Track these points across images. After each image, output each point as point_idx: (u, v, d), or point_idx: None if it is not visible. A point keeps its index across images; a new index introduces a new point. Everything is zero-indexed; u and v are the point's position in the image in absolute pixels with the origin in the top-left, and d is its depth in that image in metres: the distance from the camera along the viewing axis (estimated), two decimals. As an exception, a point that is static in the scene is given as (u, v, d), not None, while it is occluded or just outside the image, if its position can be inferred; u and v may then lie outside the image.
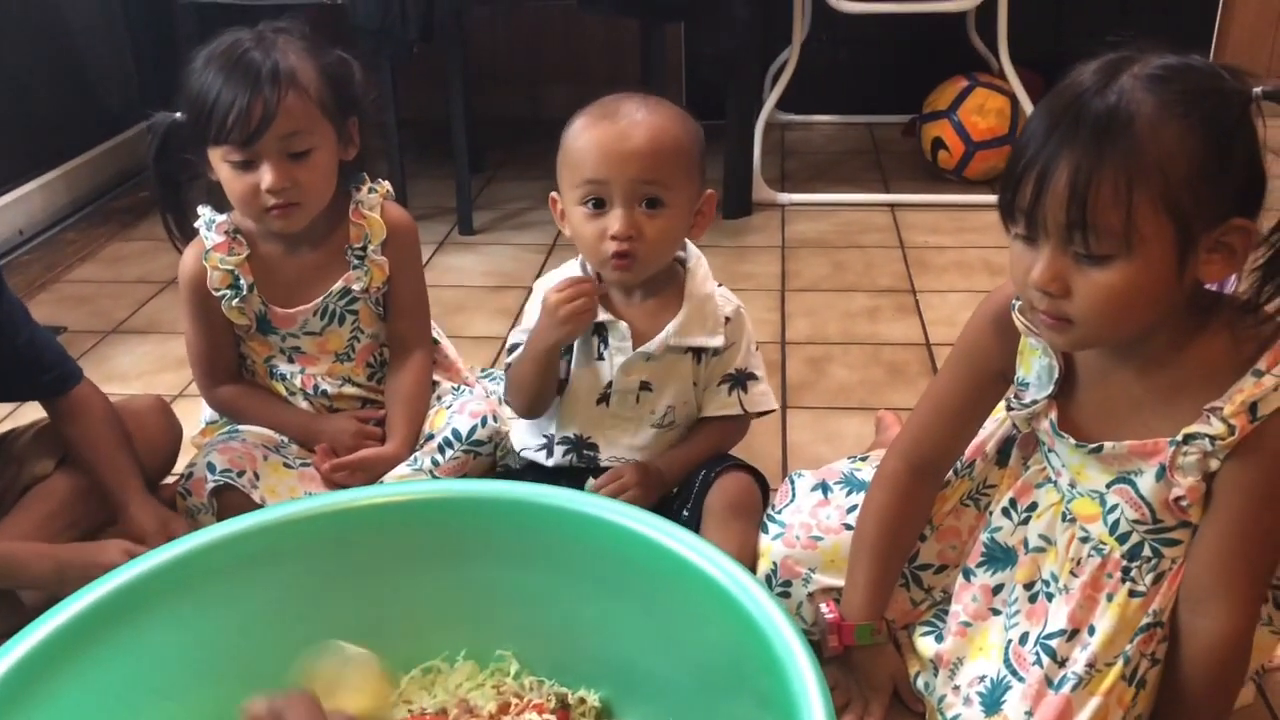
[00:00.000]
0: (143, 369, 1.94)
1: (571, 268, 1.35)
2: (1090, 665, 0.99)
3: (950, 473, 1.15)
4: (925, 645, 1.12)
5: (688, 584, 0.98)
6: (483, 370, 1.76)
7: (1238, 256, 0.88)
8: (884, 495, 1.13)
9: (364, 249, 1.44)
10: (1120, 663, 0.99)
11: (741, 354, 1.36)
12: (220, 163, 1.34)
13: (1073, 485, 1.04)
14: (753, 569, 1.20)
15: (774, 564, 1.19)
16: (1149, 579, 1.00)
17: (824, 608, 1.15)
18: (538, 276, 2.28)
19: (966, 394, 1.10)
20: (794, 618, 0.99)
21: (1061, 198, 0.86)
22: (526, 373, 1.33)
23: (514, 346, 1.36)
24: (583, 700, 1.06)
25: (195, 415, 1.55)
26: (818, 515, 1.20)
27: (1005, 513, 1.10)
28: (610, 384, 1.34)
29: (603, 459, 1.37)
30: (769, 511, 1.25)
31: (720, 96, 2.57)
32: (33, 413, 1.43)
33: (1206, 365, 0.93)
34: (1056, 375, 1.01)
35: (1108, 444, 0.98)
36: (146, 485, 1.37)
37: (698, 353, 1.34)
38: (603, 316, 1.31)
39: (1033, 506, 1.08)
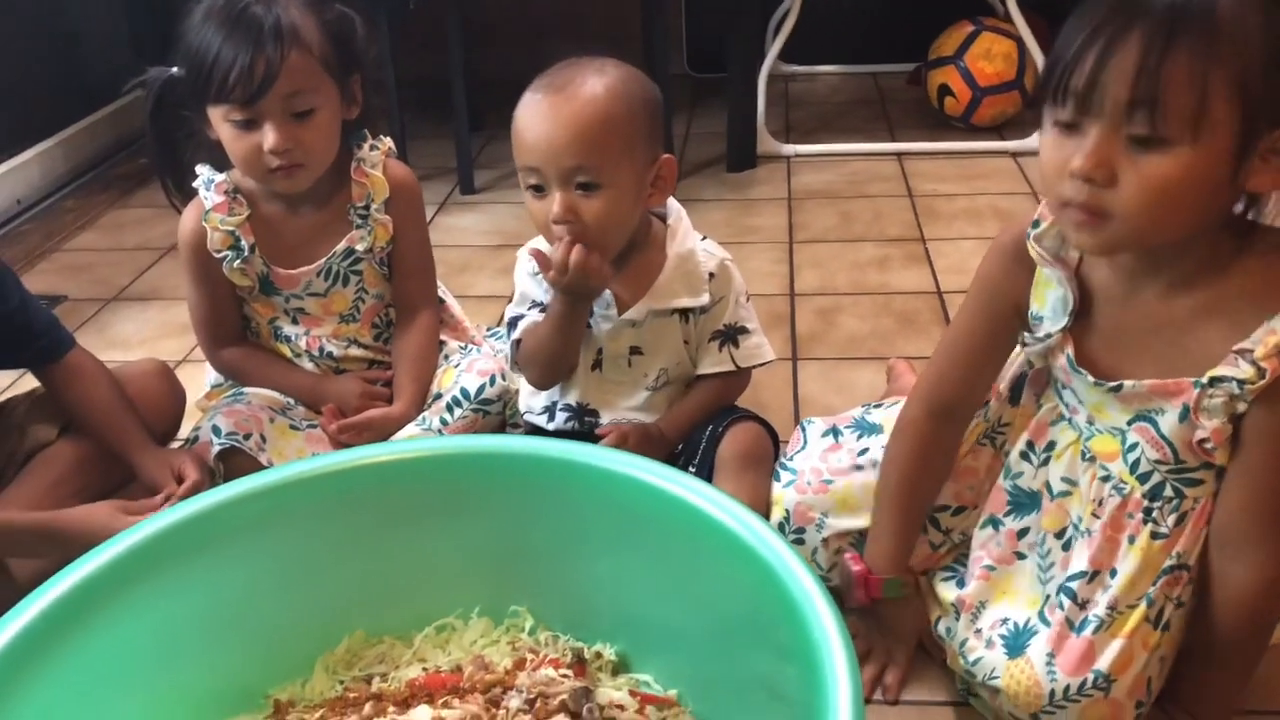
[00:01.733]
0: (145, 336, 1.92)
1: None
2: (1111, 608, 0.97)
3: None
4: (946, 590, 1.10)
5: (702, 534, 0.96)
6: (488, 329, 1.74)
7: None
8: (905, 443, 1.11)
9: (367, 208, 1.41)
10: (1143, 605, 0.96)
11: (730, 309, 1.32)
12: (221, 122, 1.30)
13: (1091, 422, 1.00)
14: (766, 518, 1.18)
15: (787, 511, 1.17)
16: (1171, 520, 0.97)
17: (849, 560, 1.13)
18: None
19: (984, 333, 1.06)
20: (811, 564, 0.97)
21: (1128, 73, 0.81)
22: (550, 344, 1.29)
23: (514, 320, 1.33)
24: (599, 654, 1.05)
25: (199, 380, 1.54)
26: (828, 459, 1.19)
27: (1024, 456, 1.07)
28: (601, 350, 1.32)
29: (604, 423, 1.35)
30: (781, 459, 1.23)
31: (722, 49, 2.54)
32: (32, 384, 1.41)
33: (1235, 295, 0.90)
34: (1071, 306, 0.98)
35: (1128, 383, 0.95)
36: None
37: (684, 312, 1.31)
38: None
39: (1050, 446, 1.05)
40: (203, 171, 1.39)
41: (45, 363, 1.34)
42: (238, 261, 1.39)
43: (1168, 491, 0.97)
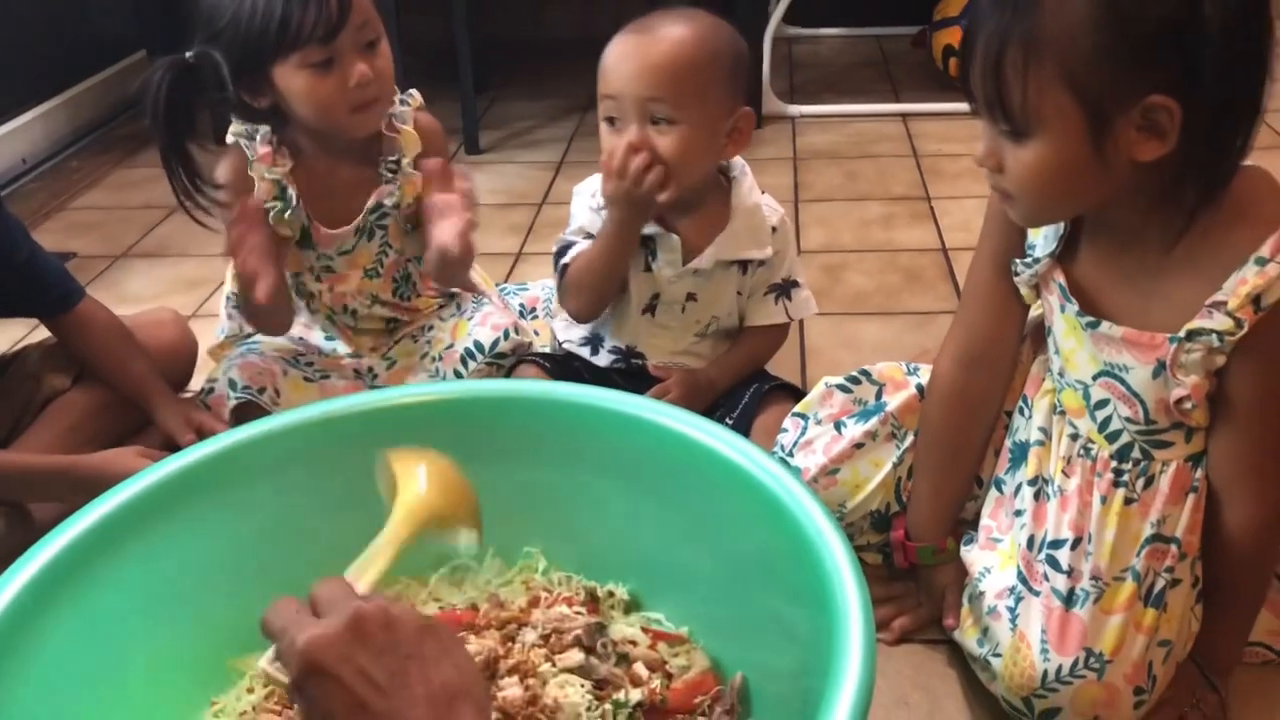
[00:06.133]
0: (155, 292, 1.93)
1: None
2: (1095, 578, 0.95)
3: None
4: (966, 554, 1.09)
5: (716, 474, 0.97)
6: (498, 285, 1.75)
7: (1169, 135, 0.82)
8: (937, 398, 1.10)
9: (397, 163, 1.39)
10: (1130, 579, 0.94)
11: (787, 263, 1.36)
12: (295, 72, 1.27)
13: (1062, 374, 1.00)
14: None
15: None
16: (1140, 484, 0.96)
17: (893, 528, 1.14)
18: (546, 194, 2.27)
19: (999, 270, 1.05)
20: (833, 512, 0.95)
21: (979, 73, 0.85)
22: (599, 268, 1.30)
23: (564, 248, 1.34)
24: (611, 593, 1.06)
25: (208, 334, 1.55)
26: (831, 450, 1.14)
27: (1020, 411, 1.07)
28: (657, 295, 1.34)
29: (650, 364, 1.37)
30: (780, 452, 1.18)
31: (727, 10, 2.53)
32: (44, 334, 1.42)
33: (1203, 249, 0.88)
34: (1062, 231, 0.98)
35: (1104, 324, 0.94)
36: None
37: (744, 264, 1.33)
38: (652, 229, 1.30)
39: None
40: (238, 127, 1.37)
41: (57, 313, 1.35)
42: (287, 213, 1.37)
43: (1135, 453, 0.96)
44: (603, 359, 1.39)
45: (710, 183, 1.32)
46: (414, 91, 1.44)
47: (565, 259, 1.34)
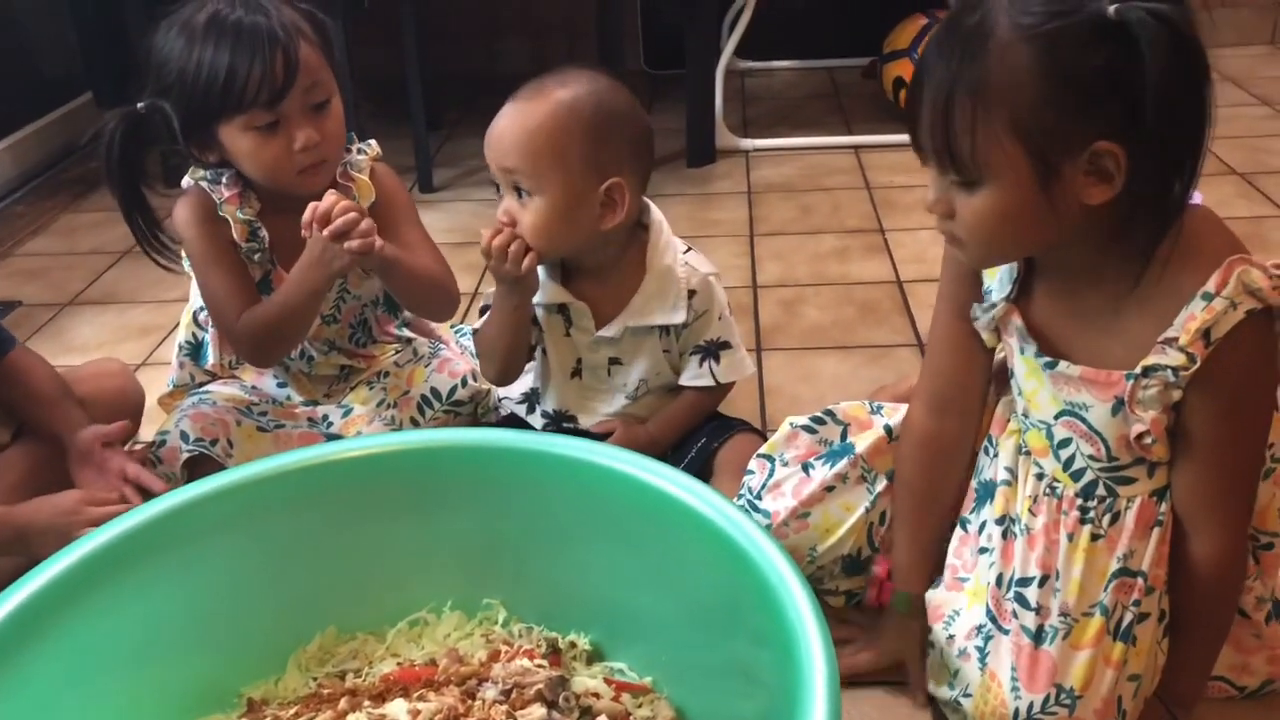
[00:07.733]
0: (103, 339, 1.90)
1: None
2: (1065, 614, 0.95)
3: None
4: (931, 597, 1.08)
5: (676, 521, 0.96)
6: (453, 327, 1.73)
7: (1116, 179, 0.83)
8: (909, 445, 1.09)
9: None
10: (1099, 615, 0.95)
11: (713, 325, 1.32)
12: (240, 134, 1.26)
13: (1026, 415, 1.01)
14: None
15: None
16: (1106, 520, 0.96)
17: (878, 558, 1.13)
18: (502, 231, 2.26)
19: (960, 316, 1.05)
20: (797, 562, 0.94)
21: (928, 124, 0.86)
22: (493, 336, 1.29)
23: (485, 308, 1.34)
24: (573, 644, 1.05)
25: (158, 383, 1.52)
26: (800, 493, 1.13)
27: (985, 450, 1.08)
28: (580, 360, 1.33)
29: (583, 425, 1.36)
30: (748, 494, 1.16)
31: (679, 46, 2.55)
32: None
33: (1154, 288, 0.89)
34: (1016, 275, 0.99)
35: (1062, 363, 0.95)
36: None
37: (664, 327, 1.31)
38: (564, 297, 1.29)
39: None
40: (199, 171, 1.34)
41: None
42: (257, 255, 1.35)
43: (1100, 490, 0.97)
44: (536, 420, 1.38)
45: (625, 245, 1.30)
46: (372, 141, 1.43)
47: (477, 323, 1.33)
